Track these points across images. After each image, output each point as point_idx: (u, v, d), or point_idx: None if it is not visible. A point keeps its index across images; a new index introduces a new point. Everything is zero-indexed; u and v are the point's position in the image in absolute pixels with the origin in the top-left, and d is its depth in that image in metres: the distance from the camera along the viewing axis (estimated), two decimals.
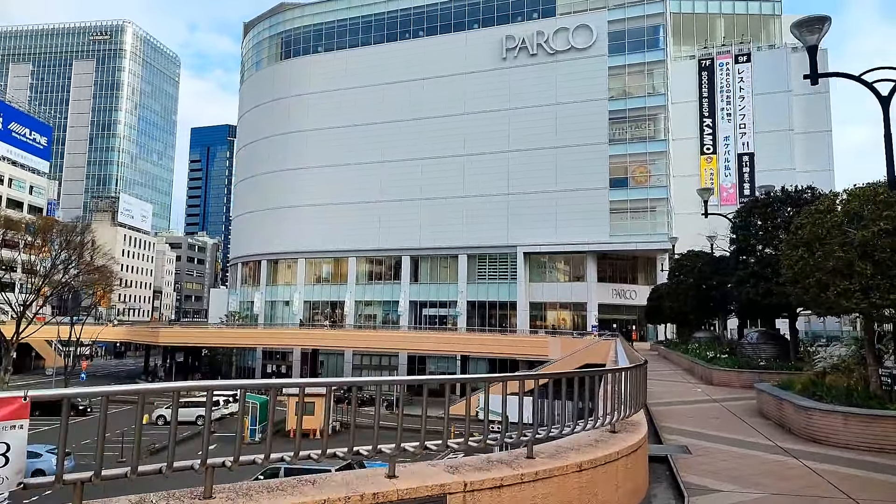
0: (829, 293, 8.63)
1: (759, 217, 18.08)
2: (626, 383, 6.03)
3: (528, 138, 65.47)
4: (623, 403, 5.96)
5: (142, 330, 75.65)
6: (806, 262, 8.92)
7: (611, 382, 6.04)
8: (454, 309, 66.81)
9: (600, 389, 6.25)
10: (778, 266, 16.66)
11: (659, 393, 14.73)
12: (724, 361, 17.96)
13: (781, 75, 74.53)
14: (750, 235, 17.80)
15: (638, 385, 6.74)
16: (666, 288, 34.34)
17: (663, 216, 61.19)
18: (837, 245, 8.61)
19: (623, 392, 5.99)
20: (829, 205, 9.34)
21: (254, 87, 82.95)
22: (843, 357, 10.17)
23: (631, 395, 6.20)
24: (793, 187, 18.04)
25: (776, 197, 17.94)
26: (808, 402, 8.88)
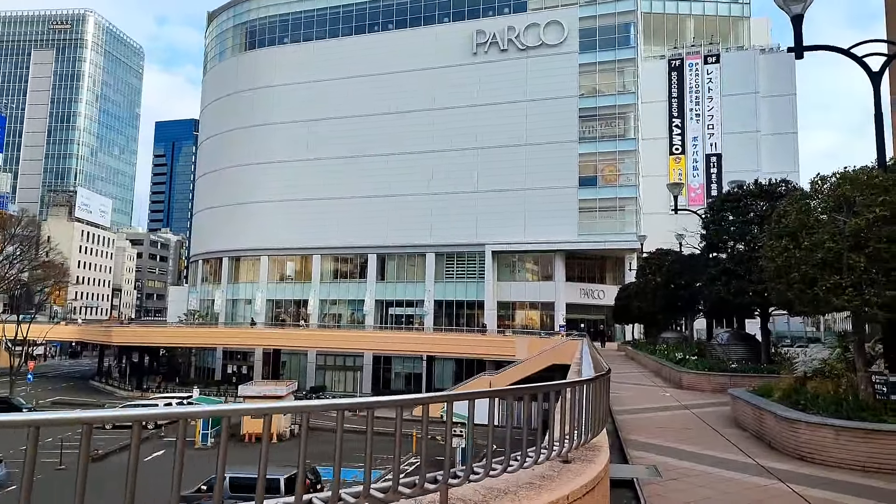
0: (818, 289, 7.56)
1: (730, 212, 17.15)
2: (585, 400, 4.80)
3: (498, 135, 64.47)
4: (580, 426, 4.73)
5: (94, 329, 72.55)
6: (791, 253, 7.85)
7: (567, 399, 4.78)
8: (421, 308, 65.46)
9: (556, 407, 4.99)
10: (751, 263, 15.74)
11: (625, 398, 13.64)
12: (694, 364, 16.99)
13: (749, 77, 74.94)
14: (722, 231, 16.85)
15: (600, 400, 5.51)
16: (634, 287, 33.54)
17: (632, 215, 60.76)
18: (827, 235, 7.54)
19: (582, 411, 4.76)
20: (817, 189, 8.28)
21: (217, 78, 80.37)
22: (827, 360, 9.17)
23: (591, 414, 4.98)
24: (766, 180, 17.16)
25: (749, 191, 17.03)
26: (792, 412, 7.80)
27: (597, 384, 5.34)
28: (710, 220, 17.47)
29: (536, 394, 4.44)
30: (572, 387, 4.74)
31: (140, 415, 2.69)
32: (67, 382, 75.62)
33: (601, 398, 5.71)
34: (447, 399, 4.04)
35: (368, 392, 63.44)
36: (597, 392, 5.21)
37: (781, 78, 75.73)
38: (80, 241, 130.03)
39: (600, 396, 5.60)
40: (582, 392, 4.79)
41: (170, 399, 47.51)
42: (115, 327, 67.79)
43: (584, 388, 4.82)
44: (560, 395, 5.15)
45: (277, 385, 43.56)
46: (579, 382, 4.86)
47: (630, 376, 20.39)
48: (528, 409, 4.35)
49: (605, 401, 6.37)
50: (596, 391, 5.15)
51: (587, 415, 4.86)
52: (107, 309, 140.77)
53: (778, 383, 10.08)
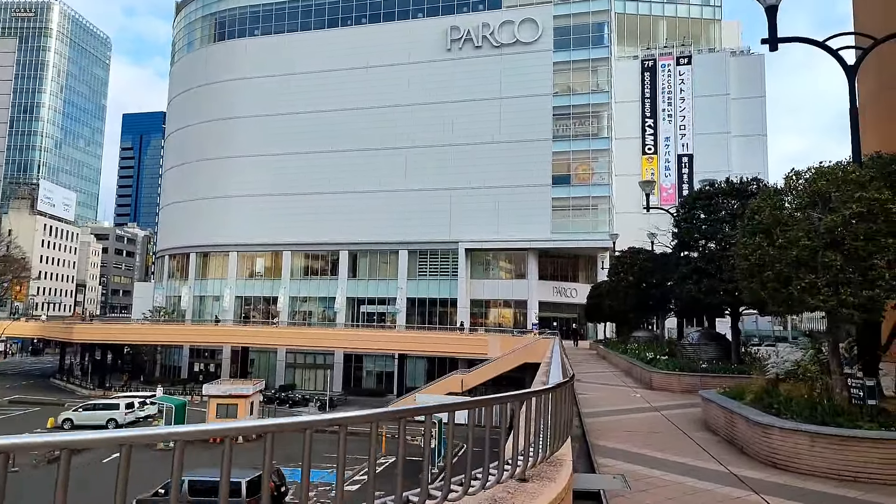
0: (792, 288, 7.24)
1: (702, 210, 16.94)
2: (546, 412, 4.32)
3: (472, 132, 64.10)
4: (541, 440, 4.24)
5: (55, 325, 70.31)
6: (765, 251, 7.51)
7: (523, 416, 4.30)
8: (393, 306, 64.79)
9: (520, 417, 4.52)
10: (722, 262, 15.53)
11: (595, 399, 13.30)
12: (664, 363, 16.76)
13: (721, 79, 75.78)
14: (693, 229, 16.63)
15: (562, 409, 5.04)
16: (606, 286, 33.42)
17: (605, 214, 60.93)
18: (802, 232, 7.21)
19: (543, 423, 4.28)
20: (791, 186, 7.97)
21: (185, 69, 78.50)
22: (800, 362, 8.89)
23: (553, 426, 4.50)
24: (737, 178, 16.99)
25: (720, 188, 16.84)
26: (764, 417, 7.47)
27: (560, 392, 4.88)
28: (682, 219, 17.25)
29: (497, 405, 3.95)
30: (528, 399, 4.25)
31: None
32: (27, 380, 73.21)
33: (564, 407, 5.25)
34: (425, 412, 3.53)
35: (339, 391, 62.61)
36: (559, 401, 4.74)
37: (752, 80, 76.77)
38: (43, 235, 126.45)
39: (563, 405, 5.14)
40: (544, 403, 4.32)
41: (132, 398, 46.21)
42: (76, 324, 65.71)
43: (545, 399, 4.35)
44: (524, 404, 4.68)
45: (244, 384, 42.53)
46: (539, 392, 4.39)
47: (600, 376, 20.12)
48: (489, 422, 3.86)
49: (570, 409, 5.93)
50: (558, 400, 4.68)
51: (549, 427, 4.39)
52: (70, 305, 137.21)
53: (749, 385, 9.80)
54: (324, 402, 55.67)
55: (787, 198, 7.66)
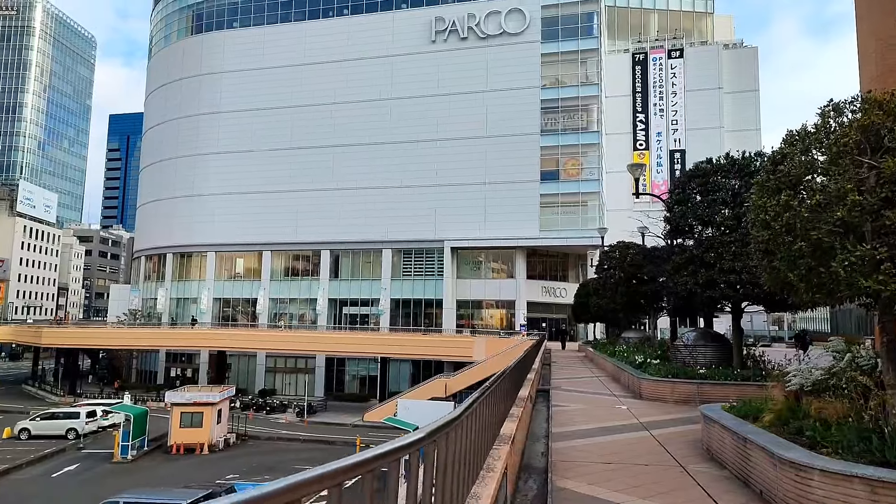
0: (836, 265, 4.98)
1: (697, 191, 14.68)
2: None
3: (458, 126, 61.85)
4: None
5: (25, 329, 67.51)
6: (796, 213, 5.24)
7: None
8: (377, 307, 62.35)
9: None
10: (722, 249, 13.27)
11: (571, 415, 10.98)
12: (656, 368, 14.45)
13: (713, 72, 73.95)
14: (687, 212, 14.36)
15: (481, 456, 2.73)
16: (594, 284, 31.17)
17: (595, 211, 58.72)
18: (851, 184, 4.94)
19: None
20: (827, 124, 5.67)
21: (162, 64, 75.87)
22: (834, 370, 6.64)
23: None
24: (739, 152, 14.73)
25: (719, 165, 14.57)
26: (796, 452, 5.16)
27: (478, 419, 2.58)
28: (675, 201, 14.97)
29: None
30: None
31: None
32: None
33: (482, 452, 2.95)
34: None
35: (321, 396, 60.16)
36: (479, 445, 2.47)
37: (745, 74, 74.99)
38: (23, 237, 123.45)
39: (481, 450, 2.84)
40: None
41: (94, 406, 43.60)
42: (44, 328, 62.88)
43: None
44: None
45: (212, 391, 40.00)
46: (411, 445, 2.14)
47: (584, 383, 17.80)
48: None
49: (508, 454, 3.62)
50: (478, 441, 2.44)
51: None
52: (52, 308, 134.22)
53: (764, 400, 7.54)
54: (303, 407, 53.21)
55: (823, 140, 5.41)
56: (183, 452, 36.05)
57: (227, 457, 35.83)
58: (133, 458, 34.07)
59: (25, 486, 28.78)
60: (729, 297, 13.35)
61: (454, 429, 2.81)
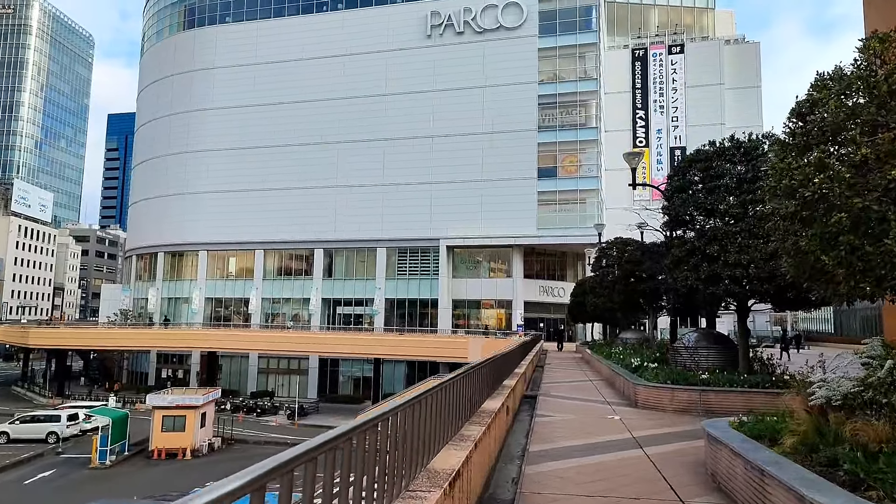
0: (891, 242, 3.64)
1: (699, 177, 13.32)
2: None
3: (454, 123, 60.54)
4: None
5: (11, 330, 66.23)
6: (834, 175, 3.88)
7: None
8: (371, 307, 61.01)
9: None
10: (726, 240, 11.92)
11: (556, 427, 9.62)
12: (653, 373, 13.09)
13: (714, 68, 72.52)
14: (688, 201, 12.99)
15: None
16: (590, 282, 29.81)
17: (594, 208, 57.36)
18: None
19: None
20: (866, 69, 4.29)
21: (154, 59, 74.61)
22: (871, 382, 5.30)
23: None
24: (745, 135, 13.37)
25: (722, 148, 13.21)
26: (840, 498, 3.83)
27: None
28: (674, 189, 13.61)
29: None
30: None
31: None
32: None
33: None
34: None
35: (314, 397, 58.83)
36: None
37: (747, 69, 73.59)
38: (18, 236, 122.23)
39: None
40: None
41: (76, 409, 42.26)
42: (31, 329, 61.59)
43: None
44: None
45: (196, 393, 38.66)
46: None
47: (576, 387, 16.41)
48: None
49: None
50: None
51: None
52: (48, 309, 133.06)
53: (782, 414, 6.21)
54: (294, 410, 51.84)
55: (870, 78, 4.05)
56: (164, 457, 34.72)
57: (210, 462, 34.50)
58: (112, 463, 32.75)
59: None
60: (734, 293, 11.99)
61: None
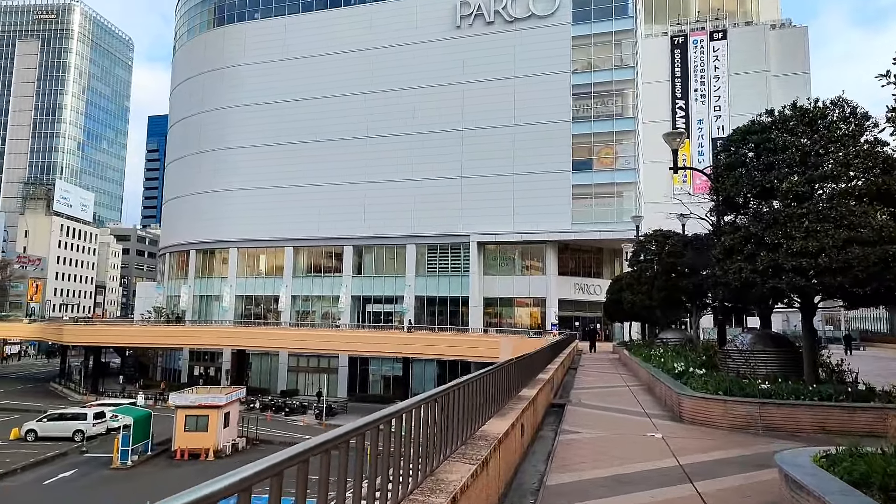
0: None
1: (755, 150, 11.42)
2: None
3: (484, 116, 58.86)
4: None
5: (49, 327, 67.24)
6: None
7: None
8: (401, 305, 59.81)
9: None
10: (790, 225, 10.05)
11: (583, 448, 7.96)
12: (701, 381, 11.24)
13: (759, 54, 69.07)
14: (742, 179, 11.12)
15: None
16: (627, 278, 27.83)
17: (631, 202, 54.92)
18: None
19: None
20: None
21: (185, 58, 74.85)
22: None
23: None
24: (810, 101, 11.41)
25: (783, 117, 11.28)
26: None
27: None
28: (725, 166, 11.74)
29: None
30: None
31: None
32: (28, 384, 70.48)
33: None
34: None
35: (343, 397, 57.99)
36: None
37: (793, 55, 69.86)
38: (60, 235, 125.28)
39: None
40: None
41: (103, 407, 42.07)
42: (66, 326, 62.29)
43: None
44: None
45: (220, 392, 37.95)
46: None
47: (611, 395, 14.61)
48: None
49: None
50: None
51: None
52: (90, 306, 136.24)
53: (892, 444, 4.50)
54: (322, 409, 50.99)
55: None
56: (187, 458, 34.03)
57: (233, 464, 33.55)
58: (133, 463, 32.17)
59: (14, 495, 27.02)
60: (799, 287, 10.09)
61: None
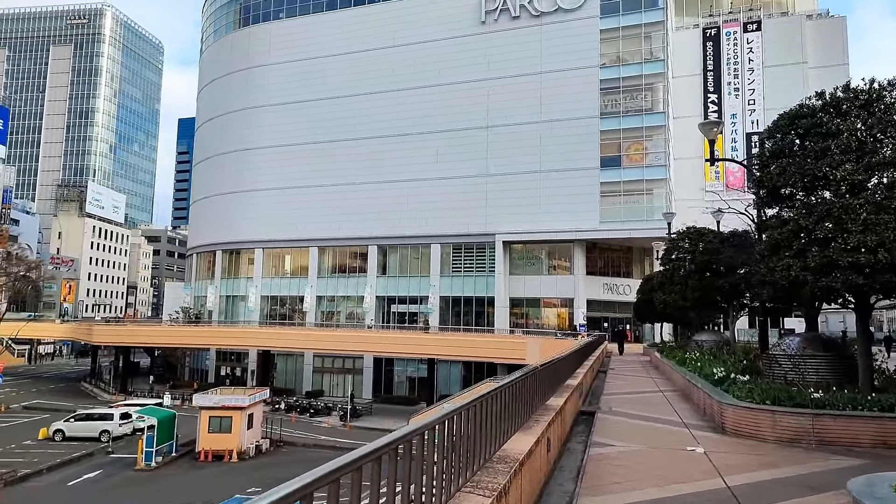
0: None
1: (804, 136, 10.39)
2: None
3: (510, 112, 57.90)
4: None
5: (79, 327, 68.24)
6: None
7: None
8: (426, 305, 59.17)
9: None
10: (848, 216, 9.04)
11: (617, 464, 7.09)
12: (745, 388, 10.24)
13: (795, 46, 66.68)
14: (790, 167, 10.10)
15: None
16: (659, 277, 26.68)
17: (662, 199, 53.41)
18: None
19: None
20: None
21: (212, 58, 75.32)
22: None
23: None
24: (865, 81, 10.34)
25: (835, 100, 10.25)
26: None
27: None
28: (770, 153, 10.72)
29: None
30: None
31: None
32: (59, 384, 71.56)
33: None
34: None
35: (368, 398, 57.61)
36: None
37: (831, 46, 67.32)
38: (92, 237, 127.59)
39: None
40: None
41: (129, 407, 42.22)
42: (95, 326, 63.05)
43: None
44: None
45: (246, 392, 37.71)
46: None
47: (644, 402, 13.64)
48: None
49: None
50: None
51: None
52: (121, 307, 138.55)
53: None
54: (347, 411, 50.57)
55: None
56: (211, 459, 33.80)
57: (256, 466, 33.34)
58: (157, 465, 32.02)
59: (39, 496, 26.99)
60: (856, 286, 9.06)
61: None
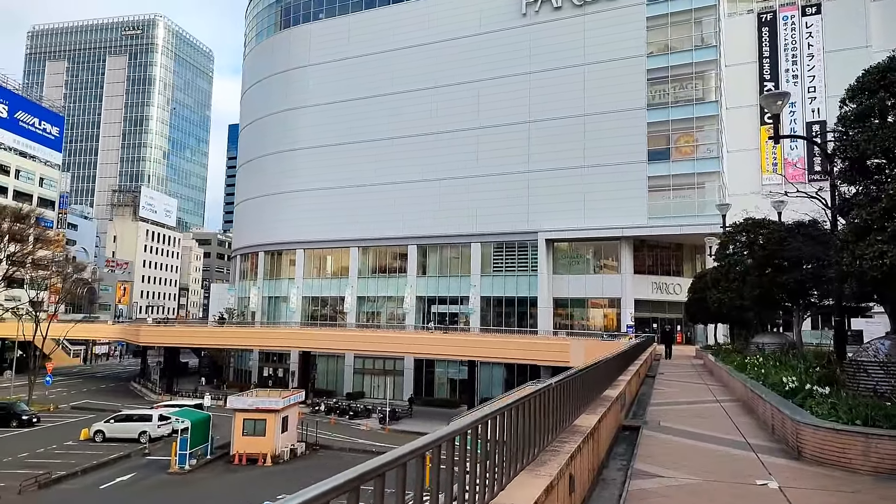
0: None
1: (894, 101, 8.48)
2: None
3: (553, 106, 55.92)
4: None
5: (127, 328, 69.49)
6: None
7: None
8: (466, 305, 57.72)
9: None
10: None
11: (663, 502, 5.49)
12: (829, 405, 8.39)
13: (858, 29, 62.34)
14: (879, 132, 8.22)
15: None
16: (713, 274, 24.48)
17: (714, 193, 50.48)
18: None
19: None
20: None
21: (255, 61, 75.84)
22: None
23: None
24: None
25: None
26: None
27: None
28: (854, 116, 8.84)
29: None
30: None
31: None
32: (110, 383, 73.22)
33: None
34: None
35: (409, 400, 56.52)
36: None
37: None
38: (146, 240, 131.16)
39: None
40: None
41: (167, 408, 42.16)
42: (142, 327, 64.02)
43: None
44: None
45: (282, 394, 37.04)
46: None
47: (696, 415, 11.79)
48: None
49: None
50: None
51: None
52: (173, 308, 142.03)
53: None
54: (383, 414, 49.58)
55: None
56: (245, 462, 33.20)
57: (290, 470, 32.53)
58: (191, 468, 31.57)
59: (69, 499, 26.75)
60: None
61: None
